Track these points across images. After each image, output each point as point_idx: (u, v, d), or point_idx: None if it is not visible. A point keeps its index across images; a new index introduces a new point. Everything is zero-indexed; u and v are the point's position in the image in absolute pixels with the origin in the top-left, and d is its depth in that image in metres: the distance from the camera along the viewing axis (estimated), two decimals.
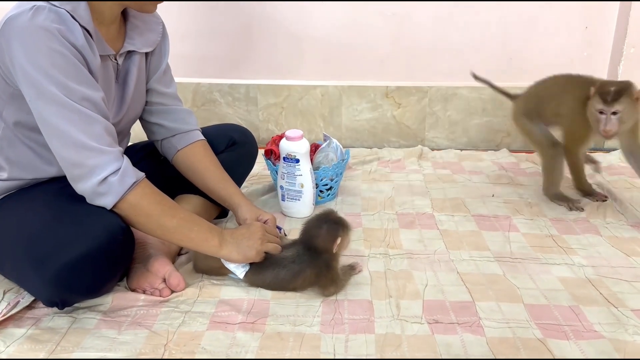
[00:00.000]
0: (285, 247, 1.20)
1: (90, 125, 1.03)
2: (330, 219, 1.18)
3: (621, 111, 1.40)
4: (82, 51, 1.03)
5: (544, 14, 2.15)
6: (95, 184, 1.03)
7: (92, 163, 1.03)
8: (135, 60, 1.24)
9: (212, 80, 2.30)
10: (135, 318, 1.09)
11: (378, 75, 2.28)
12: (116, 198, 1.05)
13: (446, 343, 1.00)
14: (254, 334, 1.03)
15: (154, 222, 1.10)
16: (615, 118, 1.41)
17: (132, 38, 1.21)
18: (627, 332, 1.03)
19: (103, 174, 1.03)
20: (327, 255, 1.16)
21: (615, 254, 1.35)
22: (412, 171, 2.00)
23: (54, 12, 1.00)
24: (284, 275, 1.16)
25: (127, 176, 1.06)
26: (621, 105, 1.39)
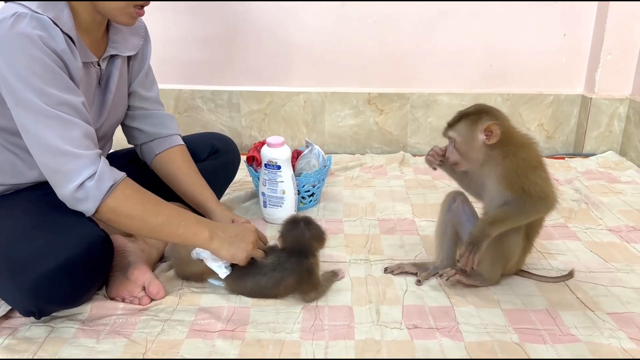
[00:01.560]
0: (266, 253, 1.20)
1: (68, 129, 1.02)
2: (307, 221, 1.19)
3: (455, 140, 1.14)
4: (62, 56, 1.03)
5: (523, 21, 2.18)
6: (73, 190, 1.03)
7: (68, 168, 1.02)
8: (117, 64, 1.24)
9: (194, 87, 2.29)
10: (114, 327, 1.08)
11: (360, 81, 2.30)
12: (96, 203, 1.04)
13: (425, 348, 1.01)
14: (233, 342, 1.03)
15: (138, 223, 1.10)
16: (452, 146, 1.16)
17: (115, 42, 1.21)
18: (603, 336, 1.05)
19: (79, 179, 1.02)
20: (311, 260, 1.16)
21: (593, 258, 1.37)
22: (393, 177, 2.01)
23: (35, 19, 0.99)
24: (265, 283, 1.16)
25: (103, 180, 1.05)
26: (456, 133, 1.13)
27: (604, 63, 2.17)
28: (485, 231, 1.10)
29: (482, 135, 1.10)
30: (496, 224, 1.11)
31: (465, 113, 1.14)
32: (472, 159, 1.14)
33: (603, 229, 1.53)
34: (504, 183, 1.11)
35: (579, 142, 2.28)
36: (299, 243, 1.16)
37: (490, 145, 1.11)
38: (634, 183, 1.93)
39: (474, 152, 1.13)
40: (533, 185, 1.10)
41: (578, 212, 1.65)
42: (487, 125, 1.09)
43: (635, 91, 2.17)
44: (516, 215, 1.12)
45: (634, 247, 1.43)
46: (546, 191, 1.12)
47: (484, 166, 1.14)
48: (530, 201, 1.11)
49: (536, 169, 1.13)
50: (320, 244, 1.19)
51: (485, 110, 1.14)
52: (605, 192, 1.82)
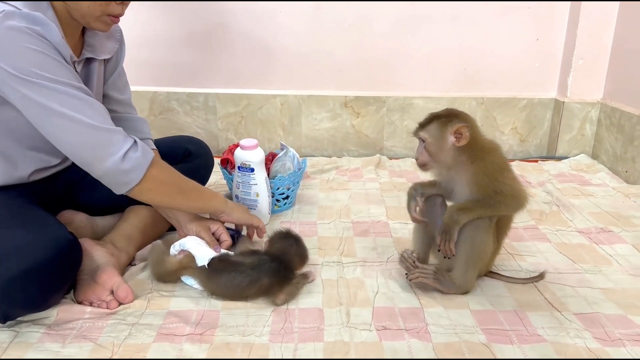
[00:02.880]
0: (245, 255, 1.21)
1: (93, 108, 1.07)
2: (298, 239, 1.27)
3: (426, 140, 1.14)
4: (59, 48, 1.05)
5: (497, 26, 2.21)
6: (118, 161, 1.06)
7: (109, 141, 1.07)
8: (94, 67, 1.24)
9: (170, 89, 2.28)
10: (80, 331, 1.06)
11: (337, 85, 2.31)
12: (142, 172, 1.10)
13: (393, 349, 1.01)
14: (201, 345, 1.02)
15: (175, 189, 1.20)
16: (422, 147, 1.16)
17: (90, 45, 1.22)
18: (569, 336, 1.06)
19: (123, 149, 1.07)
20: (290, 271, 1.20)
21: (562, 260, 1.39)
22: (369, 180, 2.02)
23: (24, 15, 1.01)
24: (240, 280, 1.16)
25: (147, 150, 1.12)
26: (427, 134, 1.14)
27: (576, 67, 2.20)
28: (454, 217, 1.13)
29: (452, 137, 1.12)
30: (464, 211, 1.13)
31: (437, 115, 1.16)
32: (441, 160, 1.15)
33: (573, 231, 1.56)
34: (475, 187, 1.13)
35: (552, 146, 2.31)
36: (283, 252, 1.22)
37: (459, 149, 1.12)
38: (605, 185, 1.96)
39: (443, 153, 1.14)
40: (504, 185, 1.13)
41: (549, 214, 1.67)
42: (457, 128, 1.11)
43: (607, 95, 2.21)
44: (485, 207, 1.13)
45: (603, 248, 1.45)
46: (517, 189, 1.15)
47: (451, 170, 1.16)
48: (502, 199, 1.13)
49: (504, 171, 1.15)
50: (301, 263, 1.25)
51: (456, 113, 1.16)
52: (577, 195, 1.85)
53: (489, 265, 1.26)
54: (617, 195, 1.86)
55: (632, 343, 1.04)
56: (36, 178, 1.23)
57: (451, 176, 1.17)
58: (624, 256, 1.41)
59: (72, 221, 1.35)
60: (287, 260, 1.21)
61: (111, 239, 1.30)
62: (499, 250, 1.25)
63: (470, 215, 1.13)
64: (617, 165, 2.08)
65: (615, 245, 1.47)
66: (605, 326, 1.10)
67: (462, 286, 1.19)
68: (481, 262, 1.18)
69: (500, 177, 1.13)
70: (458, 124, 1.12)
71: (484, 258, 1.17)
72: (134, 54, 2.13)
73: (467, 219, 1.13)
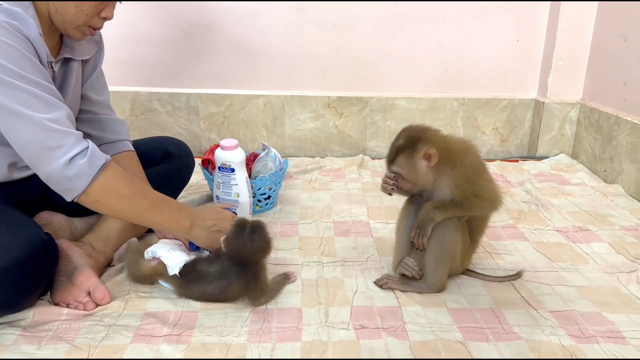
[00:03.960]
0: (209, 261, 1.18)
1: (52, 109, 1.03)
2: (254, 228, 1.15)
3: (401, 173, 1.17)
4: (35, 44, 1.04)
5: (478, 27, 2.23)
6: (62, 167, 1.01)
7: (56, 144, 1.01)
8: (72, 67, 1.24)
9: (151, 89, 2.27)
10: (56, 332, 1.05)
11: (320, 85, 2.31)
12: (87, 181, 1.04)
13: (370, 347, 1.02)
14: (178, 346, 1.02)
15: (127, 204, 1.11)
16: (399, 178, 1.18)
17: (69, 46, 1.21)
18: (544, 333, 1.07)
19: (69, 154, 1.02)
20: (256, 266, 1.15)
21: (539, 258, 1.40)
22: (351, 180, 2.03)
23: (4, 10, 1.00)
24: (212, 290, 1.15)
25: (95, 157, 1.05)
26: (399, 168, 1.17)
27: (556, 68, 2.23)
28: (430, 215, 1.15)
29: (424, 161, 1.14)
30: (440, 209, 1.15)
31: (400, 146, 1.16)
32: (423, 182, 1.17)
33: (551, 230, 1.58)
34: (456, 191, 1.14)
35: (533, 146, 2.34)
36: (242, 252, 1.14)
37: (435, 165, 1.14)
38: (584, 185, 1.98)
39: (422, 176, 1.16)
40: (482, 189, 1.15)
41: (528, 213, 1.69)
42: (423, 152, 1.13)
43: (586, 96, 2.24)
44: (460, 208, 1.15)
45: (580, 247, 1.47)
46: (494, 192, 1.17)
47: (435, 181, 1.17)
48: (479, 202, 1.15)
49: (482, 173, 1.17)
50: (264, 253, 1.16)
51: (417, 136, 1.15)
52: (556, 194, 1.87)
53: (466, 264, 1.27)
54: (596, 194, 1.89)
55: (606, 340, 1.06)
56: (15, 177, 1.22)
57: (435, 185, 1.18)
58: (601, 254, 1.43)
59: (51, 222, 1.34)
60: (249, 259, 1.15)
61: (89, 240, 1.29)
62: (475, 249, 1.27)
63: (445, 214, 1.14)
64: (596, 165, 2.11)
65: (592, 243, 1.49)
66: (579, 323, 1.11)
67: (434, 285, 1.20)
68: (450, 260, 1.19)
69: (478, 179, 1.15)
70: (422, 148, 1.13)
71: (453, 256, 1.19)
72: (115, 53, 2.13)
73: (442, 217, 1.14)
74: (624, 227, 1.60)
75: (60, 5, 1.08)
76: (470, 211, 1.16)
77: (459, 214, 1.15)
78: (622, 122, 1.95)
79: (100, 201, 1.07)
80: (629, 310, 1.17)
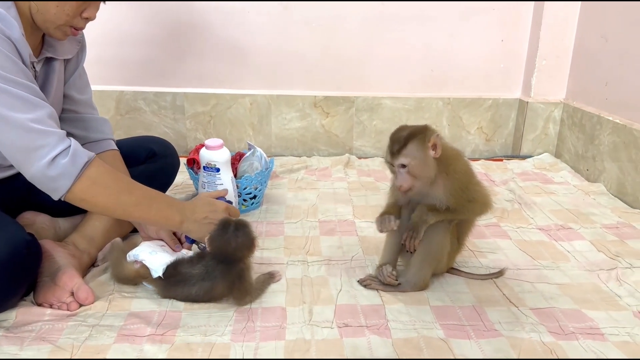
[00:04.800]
0: (192, 263, 1.17)
1: (33, 109, 1.02)
2: (238, 227, 1.15)
3: (409, 164, 1.10)
4: (17, 45, 1.03)
5: (463, 27, 2.25)
6: (44, 167, 1.01)
7: (38, 144, 1.00)
8: (54, 67, 1.23)
9: (136, 88, 2.26)
10: (39, 333, 1.05)
11: (306, 85, 2.32)
12: (70, 181, 1.03)
13: (353, 345, 1.03)
14: (162, 346, 1.02)
15: (113, 201, 1.10)
16: (404, 172, 1.12)
17: (51, 45, 1.21)
18: (524, 330, 1.09)
19: (51, 154, 1.01)
20: (240, 265, 1.15)
21: (521, 256, 1.42)
22: (337, 179, 2.03)
23: None
24: (196, 292, 1.15)
25: (78, 156, 1.04)
26: (408, 158, 1.10)
27: (540, 68, 2.25)
28: (423, 217, 1.15)
29: (431, 151, 1.12)
30: (434, 212, 1.15)
31: (409, 134, 1.11)
32: (426, 177, 1.13)
33: (533, 228, 1.60)
34: (452, 199, 1.14)
35: (517, 145, 2.36)
36: (226, 251, 1.14)
37: (436, 160, 1.13)
38: (567, 184, 2.01)
39: (428, 170, 1.12)
40: (475, 193, 1.17)
41: (511, 212, 1.71)
42: (433, 140, 1.11)
43: (569, 95, 2.27)
44: (454, 212, 1.16)
45: (561, 245, 1.49)
46: (485, 196, 1.19)
47: (431, 185, 1.15)
48: (472, 207, 1.17)
49: (472, 178, 1.19)
50: (249, 252, 1.16)
51: (421, 128, 1.13)
52: (539, 193, 1.90)
53: (450, 263, 1.28)
54: (578, 193, 1.91)
55: (585, 336, 1.08)
56: None
57: (429, 192, 1.16)
58: (582, 252, 1.45)
59: (34, 222, 1.34)
60: (233, 257, 1.14)
61: (73, 240, 1.29)
62: (461, 249, 1.28)
63: (439, 217, 1.15)
64: (579, 164, 2.14)
65: (574, 241, 1.51)
66: (560, 320, 1.13)
67: (417, 284, 1.22)
68: (436, 261, 1.20)
69: (471, 186, 1.17)
70: (432, 135, 1.11)
71: (440, 258, 1.20)
72: (100, 52, 2.12)
73: (436, 219, 1.15)
74: (605, 225, 1.62)
75: (42, 5, 1.08)
76: (462, 215, 1.18)
77: (452, 217, 1.17)
78: (604, 122, 1.98)
79: (86, 199, 1.07)
80: (608, 307, 1.18)
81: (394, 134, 1.14)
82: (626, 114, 1.89)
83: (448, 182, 1.14)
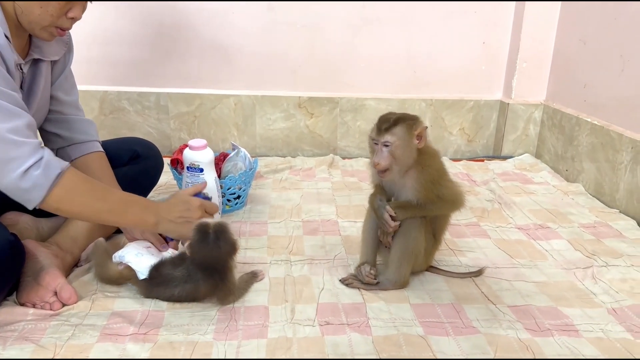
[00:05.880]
0: (174, 264, 1.17)
1: (10, 118, 1.01)
2: (217, 232, 1.13)
3: (392, 143, 1.14)
4: (2, 50, 1.03)
5: (445, 30, 2.28)
6: (17, 179, 1.00)
7: (10, 156, 1.00)
8: (42, 68, 1.23)
9: (120, 88, 2.25)
10: (22, 333, 1.05)
11: (291, 85, 2.33)
12: (43, 192, 1.02)
13: (334, 343, 1.05)
14: (144, 345, 1.03)
15: (88, 210, 1.11)
16: (386, 150, 1.15)
17: (38, 46, 1.20)
18: (502, 327, 1.12)
19: (23, 166, 1.00)
20: (223, 268, 1.15)
21: (500, 255, 1.45)
22: (321, 179, 2.05)
23: None
24: (179, 293, 1.16)
25: (51, 167, 1.03)
26: (393, 137, 1.14)
27: (520, 70, 2.29)
28: (396, 214, 1.18)
29: (416, 140, 1.16)
30: (401, 208, 1.18)
31: (399, 118, 1.16)
32: (404, 163, 1.16)
33: (512, 227, 1.63)
34: (422, 192, 1.17)
35: (498, 145, 2.40)
36: (208, 259, 1.14)
37: (417, 151, 1.16)
38: (546, 184, 2.05)
39: (408, 156, 1.16)
40: (445, 189, 1.19)
41: (491, 211, 1.74)
42: (420, 130, 1.15)
43: (549, 97, 2.31)
44: (423, 208, 1.19)
45: (539, 244, 1.52)
46: (456, 193, 1.21)
47: (403, 176, 1.19)
48: (442, 203, 1.19)
49: (444, 176, 1.21)
50: (231, 256, 1.16)
51: (412, 116, 1.18)
52: (519, 193, 1.93)
53: (429, 261, 1.31)
54: (557, 193, 1.95)
55: (560, 333, 1.11)
56: None
57: (401, 182, 1.20)
58: (559, 251, 1.48)
59: (17, 223, 1.33)
60: (215, 262, 1.14)
61: (56, 240, 1.29)
62: (438, 246, 1.31)
63: (407, 214, 1.18)
64: (559, 164, 2.18)
65: (552, 240, 1.54)
66: (536, 317, 1.16)
67: (398, 281, 1.24)
68: (414, 258, 1.22)
69: (442, 182, 1.19)
70: (421, 125, 1.15)
71: (417, 254, 1.22)
72: (84, 52, 2.11)
73: (405, 216, 1.18)
74: (582, 224, 1.66)
75: (25, 6, 1.08)
76: (432, 211, 1.20)
77: (421, 213, 1.19)
78: (582, 123, 2.02)
79: (60, 208, 1.07)
80: (583, 305, 1.22)
81: (385, 115, 1.18)
82: (603, 116, 1.94)
83: (420, 175, 1.17)
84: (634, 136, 1.74)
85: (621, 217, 1.71)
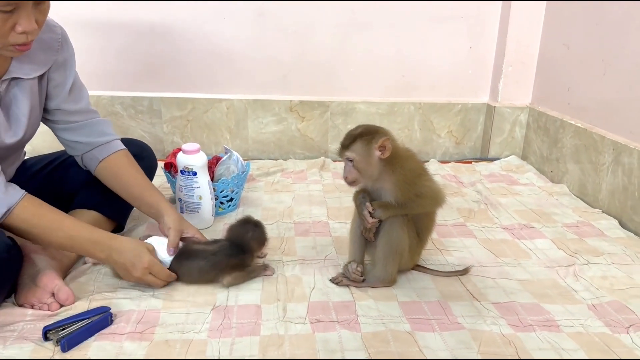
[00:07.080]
0: (208, 243, 1.33)
1: None
2: (256, 224, 1.33)
3: (354, 159, 1.21)
4: None
5: (433, 35, 2.33)
6: None
7: None
8: (24, 87, 1.20)
9: (113, 93, 2.29)
10: (21, 333, 1.08)
11: (282, 89, 2.37)
12: None
13: (324, 340, 1.09)
14: (141, 343, 1.06)
15: (39, 242, 1.15)
16: (350, 165, 1.22)
17: (20, 62, 1.18)
18: (486, 323, 1.16)
19: None
20: (248, 255, 1.30)
21: (485, 254, 1.50)
22: (312, 182, 2.09)
23: None
24: (203, 265, 1.27)
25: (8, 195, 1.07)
26: (353, 153, 1.21)
27: (506, 74, 2.35)
28: (377, 213, 1.24)
29: (377, 152, 1.21)
30: (384, 208, 1.24)
31: (358, 133, 1.23)
32: (369, 174, 1.23)
33: (498, 227, 1.67)
34: (399, 193, 1.22)
35: (485, 148, 2.45)
36: (241, 238, 1.30)
37: (382, 160, 1.21)
38: (532, 185, 2.10)
39: (371, 168, 1.22)
40: (423, 188, 1.24)
41: (477, 212, 1.79)
42: (381, 142, 1.20)
43: (534, 100, 2.37)
44: (404, 207, 1.24)
45: (524, 243, 1.57)
46: (435, 190, 1.27)
47: (377, 181, 1.25)
48: (421, 201, 1.24)
49: (421, 176, 1.26)
50: (259, 246, 1.33)
51: (375, 129, 1.24)
52: (504, 194, 1.98)
53: (416, 259, 1.35)
54: (542, 193, 2.00)
55: (542, 328, 1.15)
56: None
57: (377, 185, 1.26)
58: (543, 250, 1.53)
59: None
60: (244, 244, 1.30)
61: None
62: (424, 245, 1.35)
63: (389, 213, 1.24)
64: (544, 166, 2.23)
65: (536, 240, 1.59)
66: (519, 314, 1.20)
67: (385, 278, 1.28)
68: (399, 256, 1.27)
69: (418, 181, 1.25)
70: (381, 138, 1.20)
71: (401, 252, 1.27)
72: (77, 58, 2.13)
73: (387, 215, 1.24)
74: (566, 224, 1.71)
75: None
76: (413, 209, 1.25)
77: (402, 212, 1.24)
78: (566, 125, 2.07)
79: (13, 237, 1.12)
80: (564, 301, 1.26)
81: (350, 131, 1.26)
82: (587, 119, 1.99)
83: (394, 178, 1.22)
84: (615, 138, 1.80)
85: (603, 217, 1.76)
